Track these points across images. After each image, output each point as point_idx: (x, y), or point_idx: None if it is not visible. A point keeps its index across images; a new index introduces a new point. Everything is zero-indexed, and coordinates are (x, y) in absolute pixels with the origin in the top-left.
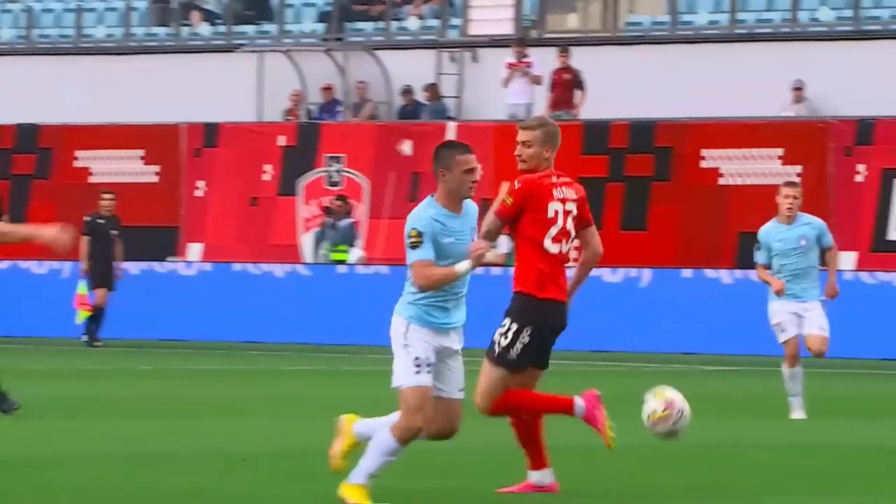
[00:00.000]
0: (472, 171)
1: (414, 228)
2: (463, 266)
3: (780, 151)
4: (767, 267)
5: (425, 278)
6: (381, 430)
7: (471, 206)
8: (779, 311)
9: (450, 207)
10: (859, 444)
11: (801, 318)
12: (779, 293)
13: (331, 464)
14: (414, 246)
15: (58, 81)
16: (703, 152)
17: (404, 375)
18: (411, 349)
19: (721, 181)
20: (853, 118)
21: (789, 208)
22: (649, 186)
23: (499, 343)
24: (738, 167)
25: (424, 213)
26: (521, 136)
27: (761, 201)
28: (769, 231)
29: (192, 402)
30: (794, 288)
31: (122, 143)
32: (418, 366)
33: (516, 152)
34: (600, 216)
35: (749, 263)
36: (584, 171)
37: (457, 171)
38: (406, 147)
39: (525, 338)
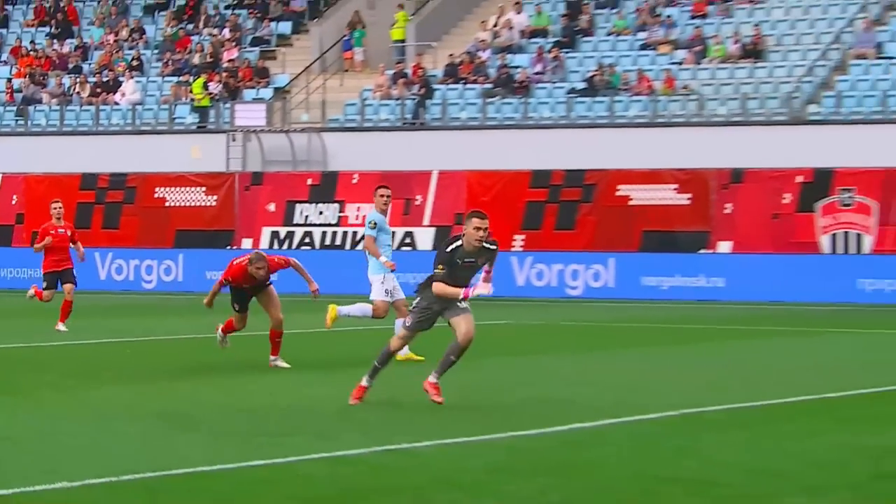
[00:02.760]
0: (382, 195)
1: (372, 220)
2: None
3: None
4: None
5: (372, 250)
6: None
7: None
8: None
9: (382, 212)
10: None
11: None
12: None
13: None
14: (372, 228)
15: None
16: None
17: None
18: (386, 283)
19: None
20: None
21: None
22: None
23: None
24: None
25: (377, 214)
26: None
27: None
28: None
29: None
30: None
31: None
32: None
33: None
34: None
35: None
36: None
37: (377, 194)
38: None
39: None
